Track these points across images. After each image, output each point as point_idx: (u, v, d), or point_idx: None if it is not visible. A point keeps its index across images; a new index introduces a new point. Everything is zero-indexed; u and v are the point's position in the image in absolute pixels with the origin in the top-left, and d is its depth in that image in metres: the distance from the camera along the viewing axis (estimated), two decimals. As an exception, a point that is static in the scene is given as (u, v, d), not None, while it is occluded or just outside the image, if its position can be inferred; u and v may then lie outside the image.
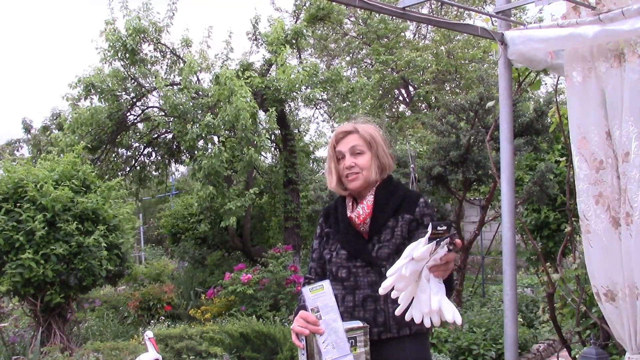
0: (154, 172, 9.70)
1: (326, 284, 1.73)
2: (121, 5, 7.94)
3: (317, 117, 10.92)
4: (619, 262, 2.18)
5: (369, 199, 2.00)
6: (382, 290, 1.52)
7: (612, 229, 2.19)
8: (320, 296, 1.72)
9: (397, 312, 1.55)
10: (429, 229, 1.46)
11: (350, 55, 15.45)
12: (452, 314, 1.52)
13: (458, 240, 1.52)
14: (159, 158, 9.55)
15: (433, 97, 14.38)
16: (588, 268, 2.30)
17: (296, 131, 9.24)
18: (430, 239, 1.46)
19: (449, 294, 1.81)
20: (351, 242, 1.98)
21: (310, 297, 1.72)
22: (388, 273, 1.50)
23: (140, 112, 8.94)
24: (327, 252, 2.05)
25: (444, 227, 1.46)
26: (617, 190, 2.19)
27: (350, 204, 2.06)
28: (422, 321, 1.57)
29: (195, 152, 7.48)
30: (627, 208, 2.12)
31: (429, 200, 2.08)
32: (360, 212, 1.98)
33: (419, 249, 1.47)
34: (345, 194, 2.09)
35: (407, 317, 1.54)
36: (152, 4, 8.01)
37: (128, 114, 8.68)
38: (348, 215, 2.01)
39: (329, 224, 2.10)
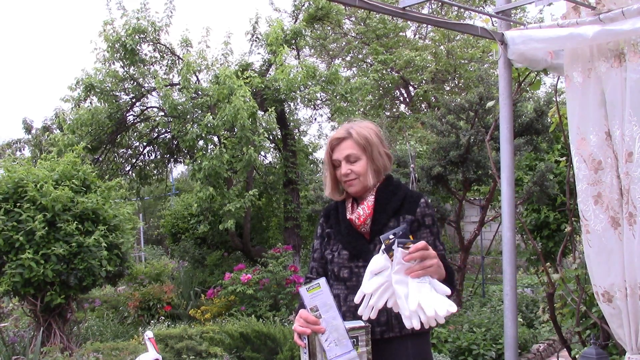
0: (153, 171, 9.70)
1: (322, 282, 1.73)
2: (118, 6, 7.94)
3: (316, 118, 10.97)
4: (618, 263, 2.18)
5: (370, 199, 2.01)
6: (356, 300, 1.64)
7: (611, 230, 2.19)
8: (318, 295, 1.72)
9: (365, 316, 1.65)
10: (383, 244, 1.58)
11: (350, 55, 15.44)
12: (432, 308, 1.53)
13: (411, 241, 1.59)
14: (159, 157, 9.56)
15: (433, 97, 14.38)
16: (588, 268, 2.31)
17: (296, 131, 9.24)
18: (384, 251, 1.57)
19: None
20: (352, 243, 1.98)
21: (307, 296, 1.72)
22: (356, 298, 1.63)
23: (139, 112, 8.95)
24: (329, 253, 2.05)
25: (392, 236, 1.57)
26: (617, 191, 2.18)
27: (350, 205, 2.06)
28: (420, 322, 1.60)
29: (195, 152, 7.48)
30: (630, 208, 2.11)
31: (430, 201, 2.09)
32: (361, 213, 1.99)
33: (374, 262, 1.59)
34: (340, 199, 2.10)
35: (407, 325, 1.57)
36: (149, 4, 8.02)
37: (127, 114, 8.69)
38: (348, 217, 2.02)
39: (329, 224, 2.11)
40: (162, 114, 8.56)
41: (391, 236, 1.57)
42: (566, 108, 2.37)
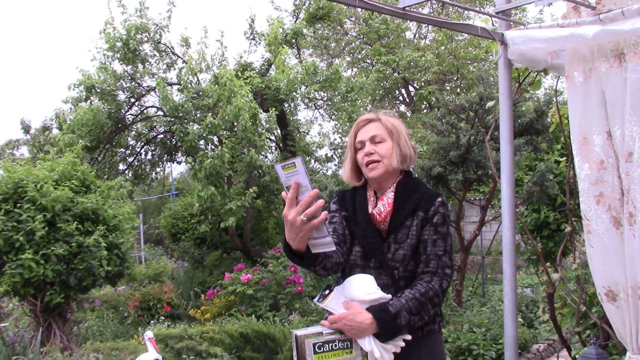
0: (149, 170, 9.68)
1: (298, 161, 1.57)
2: (119, 3, 7.95)
3: (317, 118, 10.98)
4: (620, 262, 2.17)
5: (390, 195, 1.97)
6: None
7: (613, 229, 2.18)
8: (294, 175, 1.58)
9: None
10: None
11: (351, 55, 15.43)
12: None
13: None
14: (156, 157, 9.55)
15: (434, 98, 14.36)
16: (590, 268, 2.30)
17: (296, 131, 9.23)
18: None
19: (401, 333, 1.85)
20: (368, 239, 1.93)
21: (282, 174, 1.58)
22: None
23: (139, 111, 8.95)
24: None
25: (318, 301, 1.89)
26: (619, 190, 2.17)
27: (373, 198, 2.01)
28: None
29: (196, 152, 7.48)
30: (630, 208, 2.10)
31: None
32: (382, 210, 1.95)
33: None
34: (358, 185, 2.04)
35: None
36: (146, 2, 8.03)
37: (127, 113, 8.69)
38: (370, 211, 1.97)
39: (344, 207, 2.03)
40: (161, 113, 8.57)
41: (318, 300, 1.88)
42: (567, 108, 2.37)
